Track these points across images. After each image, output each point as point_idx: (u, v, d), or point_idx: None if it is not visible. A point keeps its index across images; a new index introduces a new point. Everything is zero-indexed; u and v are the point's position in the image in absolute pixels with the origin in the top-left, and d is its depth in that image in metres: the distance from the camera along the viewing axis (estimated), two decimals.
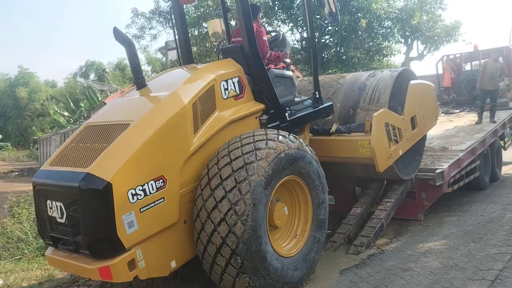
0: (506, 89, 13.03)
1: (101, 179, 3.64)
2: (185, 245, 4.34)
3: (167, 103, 4.32)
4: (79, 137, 4.36)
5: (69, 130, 25.06)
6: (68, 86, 45.05)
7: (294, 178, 4.69)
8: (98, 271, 3.74)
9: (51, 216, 4.00)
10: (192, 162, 4.33)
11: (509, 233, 6.08)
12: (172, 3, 5.76)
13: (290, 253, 4.68)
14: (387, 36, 15.30)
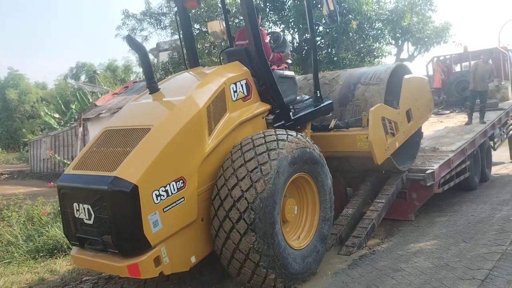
0: (495, 90, 13.14)
1: (128, 182, 3.84)
2: (203, 241, 4.57)
3: (184, 108, 4.53)
4: (99, 142, 4.55)
5: (59, 132, 24.92)
6: (58, 87, 44.80)
7: (303, 175, 4.96)
8: (127, 268, 3.94)
9: (78, 217, 4.17)
10: (207, 162, 4.55)
11: (499, 233, 6.14)
12: (178, 8, 5.96)
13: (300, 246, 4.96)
14: (377, 38, 15.37)
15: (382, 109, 6.32)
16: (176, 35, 15.72)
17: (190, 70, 5.88)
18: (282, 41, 6.52)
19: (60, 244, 6.94)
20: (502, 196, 8.76)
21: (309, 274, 4.94)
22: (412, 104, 7.13)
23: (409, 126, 7.02)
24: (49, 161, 23.89)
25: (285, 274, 4.53)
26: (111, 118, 5.12)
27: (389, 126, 6.41)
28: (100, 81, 40.47)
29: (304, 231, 5.17)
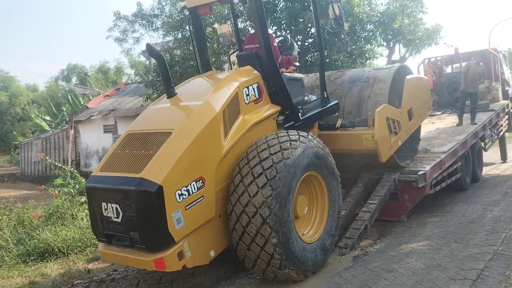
0: (486, 91, 13.23)
1: (153, 183, 4.14)
2: (220, 236, 4.87)
3: (202, 112, 4.82)
4: (122, 145, 4.86)
5: (50, 134, 24.74)
6: (49, 90, 44.49)
7: (313, 173, 5.23)
8: (153, 262, 4.25)
9: (106, 216, 4.46)
10: (223, 163, 4.84)
11: (490, 233, 6.18)
12: (191, 15, 6.19)
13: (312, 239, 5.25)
14: (369, 40, 15.43)
15: (387, 110, 6.68)
16: (168, 36, 15.70)
17: (203, 74, 6.17)
18: (289, 44, 6.76)
19: (51, 247, 6.88)
20: (493, 196, 8.82)
21: (319, 266, 5.19)
22: (413, 103, 7.48)
23: (410, 124, 7.39)
24: (40, 164, 23.71)
25: (298, 265, 4.78)
26: (132, 122, 5.47)
27: (392, 126, 6.76)
28: (92, 83, 40.23)
29: (314, 227, 5.41)
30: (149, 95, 15.25)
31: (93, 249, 7.01)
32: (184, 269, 4.50)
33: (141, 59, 38.68)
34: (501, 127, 12.89)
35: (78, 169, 18.54)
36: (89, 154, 22.19)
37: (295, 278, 4.83)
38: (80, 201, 8.44)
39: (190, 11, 6.15)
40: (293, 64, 6.55)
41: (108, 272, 6.03)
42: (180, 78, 13.90)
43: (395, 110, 6.93)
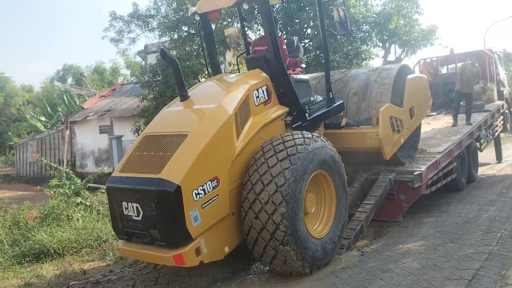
0: (481, 91, 13.28)
1: (172, 183, 4.35)
2: (234, 233, 5.08)
3: (215, 115, 5.03)
4: (140, 146, 5.08)
5: (46, 135, 24.65)
6: (45, 90, 44.39)
7: (321, 172, 5.42)
8: (173, 258, 4.46)
9: (127, 214, 4.67)
10: (236, 163, 5.05)
11: (486, 233, 6.20)
12: (201, 20, 6.43)
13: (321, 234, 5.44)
14: (365, 40, 15.44)
15: (390, 109, 6.92)
16: (164, 37, 15.68)
17: (213, 78, 6.43)
18: (296, 47, 7.03)
19: (46, 248, 6.85)
20: (488, 196, 8.86)
21: (315, 263, 5.25)
22: (414, 102, 7.73)
23: (411, 122, 7.65)
24: (36, 165, 23.64)
25: (299, 247, 4.92)
26: (148, 125, 5.74)
27: (395, 124, 7.02)
28: (87, 83, 40.16)
29: (322, 223, 5.59)
30: (145, 96, 15.21)
31: (88, 250, 6.99)
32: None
33: (137, 59, 38.59)
34: (496, 127, 12.94)
35: (73, 170, 18.47)
36: (85, 154, 22.13)
37: (293, 260, 4.87)
38: (75, 202, 8.40)
39: (201, 16, 6.36)
40: (300, 66, 6.76)
41: (104, 273, 6.01)
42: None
43: (398, 109, 7.17)
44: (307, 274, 5.07)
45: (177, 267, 5.84)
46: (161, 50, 5.38)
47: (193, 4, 14.41)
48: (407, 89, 7.49)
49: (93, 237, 7.26)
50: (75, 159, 22.45)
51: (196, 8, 6.37)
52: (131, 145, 19.11)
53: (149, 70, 15.25)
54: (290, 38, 7.39)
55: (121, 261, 6.46)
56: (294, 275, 5.04)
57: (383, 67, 7.60)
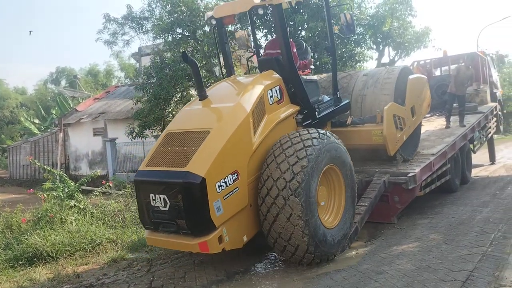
0: (474, 93, 13.34)
1: (198, 175, 4.71)
2: (251, 223, 5.43)
3: (235, 113, 5.38)
4: (163, 143, 5.44)
5: (39, 137, 24.53)
6: (38, 93, 44.20)
7: (332, 166, 5.73)
8: (198, 245, 4.84)
9: (154, 206, 5.01)
10: (253, 157, 5.40)
11: (479, 234, 6.23)
12: (217, 24, 6.75)
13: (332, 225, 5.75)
14: (359, 43, 15.45)
15: (394, 107, 7.29)
16: (158, 39, 15.59)
17: (228, 79, 6.76)
18: (304, 49, 7.38)
19: (39, 252, 6.79)
20: (482, 198, 8.90)
21: (337, 251, 5.67)
22: (415, 101, 8.07)
23: (413, 120, 7.98)
24: (29, 167, 23.53)
25: (320, 248, 5.29)
26: (170, 123, 6.11)
27: (398, 122, 7.38)
28: (81, 86, 40.01)
29: (333, 214, 5.89)
30: (139, 98, 15.16)
31: (82, 253, 6.94)
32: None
33: (131, 61, 38.53)
34: (490, 129, 13.01)
35: (67, 173, 18.38)
36: (79, 157, 22.04)
37: (305, 246, 5.17)
38: (69, 205, 8.35)
39: (217, 20, 6.67)
40: (309, 67, 7.16)
41: (97, 276, 5.97)
42: (170, 80, 13.85)
43: (400, 108, 7.53)
44: (317, 262, 5.36)
45: (171, 270, 5.84)
46: (183, 53, 5.73)
47: (187, 6, 14.43)
48: (408, 89, 7.83)
49: (86, 240, 7.21)
50: (69, 161, 22.36)
51: (213, 12, 6.68)
52: (125, 147, 19.13)
53: (143, 72, 15.20)
54: (300, 41, 7.73)
55: (115, 264, 6.43)
56: (305, 262, 5.34)
57: (387, 67, 7.96)
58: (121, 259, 6.61)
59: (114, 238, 7.47)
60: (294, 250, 5.24)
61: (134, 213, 8.75)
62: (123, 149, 19.28)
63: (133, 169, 18.34)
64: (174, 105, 15.05)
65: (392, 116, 7.19)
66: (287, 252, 5.33)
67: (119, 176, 17.57)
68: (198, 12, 14.37)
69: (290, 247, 5.24)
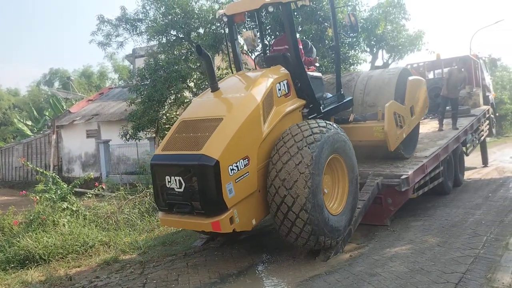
0: (467, 96, 13.43)
1: (212, 158, 4.95)
2: (260, 207, 5.67)
3: (247, 102, 5.63)
4: (178, 129, 5.68)
5: (32, 139, 24.38)
6: (31, 94, 43.93)
7: (336, 156, 5.97)
8: (211, 224, 5.08)
9: (169, 187, 5.25)
10: (263, 145, 5.65)
11: (472, 237, 6.26)
12: (228, 22, 7.02)
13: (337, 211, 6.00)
14: (353, 45, 15.50)
15: (394, 105, 7.53)
16: (152, 41, 15.57)
17: (237, 74, 7.03)
18: (310, 48, 7.68)
19: (31, 254, 6.76)
20: (474, 200, 8.95)
21: (342, 235, 5.96)
22: (414, 101, 8.37)
23: (412, 120, 8.24)
24: (22, 169, 23.38)
25: (317, 212, 5.41)
26: (184, 112, 6.31)
27: (398, 119, 7.61)
28: (75, 87, 39.84)
29: (337, 201, 6.14)
30: (133, 100, 15.11)
31: (74, 256, 6.91)
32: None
33: (125, 63, 38.39)
34: (482, 132, 13.10)
35: (60, 175, 18.30)
36: (72, 159, 21.92)
37: (310, 228, 5.36)
38: (62, 207, 8.31)
39: (228, 18, 6.94)
40: (314, 64, 7.43)
41: (90, 279, 5.94)
42: (164, 82, 13.82)
43: (401, 106, 7.78)
44: (309, 231, 5.41)
45: (165, 273, 5.82)
46: (197, 46, 5.93)
47: (182, 8, 14.43)
48: (408, 89, 8.10)
49: (79, 242, 7.18)
50: (62, 163, 22.23)
51: (225, 10, 6.96)
52: (118, 149, 19.05)
53: (137, 74, 15.15)
54: (306, 41, 8.01)
55: (107, 267, 6.40)
56: (298, 225, 5.40)
57: (388, 69, 8.16)
58: (114, 261, 6.58)
59: (107, 240, 7.45)
60: (292, 202, 5.33)
61: (127, 215, 8.73)
62: (117, 151, 19.20)
63: (127, 171, 18.27)
64: (168, 107, 15.03)
65: (393, 113, 7.42)
66: (284, 206, 5.40)
67: (113, 178, 17.49)
68: (192, 14, 14.38)
69: (289, 198, 5.34)
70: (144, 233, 8.09)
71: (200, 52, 5.94)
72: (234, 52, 7.37)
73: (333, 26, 7.55)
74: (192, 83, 15.19)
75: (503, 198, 9.09)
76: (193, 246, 6.88)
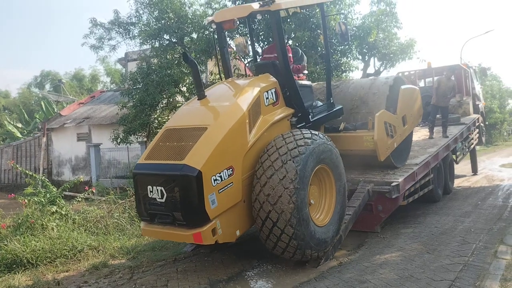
0: (457, 105, 13.55)
1: (195, 168, 4.86)
2: (244, 218, 5.57)
3: (232, 111, 5.56)
4: (162, 138, 5.60)
5: (22, 142, 24.16)
6: (22, 96, 43.52)
7: (323, 166, 5.90)
8: (192, 236, 4.99)
9: (151, 197, 5.15)
10: (248, 155, 5.57)
11: (461, 244, 6.30)
12: (217, 29, 6.93)
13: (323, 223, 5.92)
14: (345, 53, 15.59)
15: (385, 115, 7.48)
16: (145, 45, 15.56)
17: (226, 81, 6.94)
18: (300, 55, 7.59)
19: (19, 258, 6.67)
20: (464, 208, 9.01)
21: (329, 246, 5.86)
22: (407, 110, 8.31)
23: (404, 129, 8.20)
24: (11, 172, 23.12)
25: (302, 227, 5.35)
26: (169, 120, 6.28)
27: (389, 129, 7.59)
28: (66, 90, 39.58)
29: (324, 212, 6.06)
30: (125, 104, 15.05)
31: (63, 260, 6.83)
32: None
33: (117, 67, 38.25)
34: (472, 140, 13.20)
35: (50, 178, 18.11)
36: (62, 162, 21.75)
37: (294, 242, 5.31)
38: (51, 211, 8.22)
39: (217, 25, 6.85)
40: (302, 72, 7.32)
41: (78, 284, 5.87)
42: (156, 86, 13.79)
43: (392, 116, 7.75)
44: (294, 246, 5.37)
45: (154, 278, 5.78)
46: (183, 53, 5.95)
47: (175, 13, 14.43)
48: (400, 99, 8.05)
49: (68, 247, 7.09)
50: (52, 167, 22.04)
51: (213, 17, 6.88)
52: (109, 153, 18.92)
53: (130, 77, 15.10)
54: (296, 48, 7.95)
55: (96, 272, 6.34)
56: (284, 240, 5.35)
57: (380, 77, 8.15)
58: (103, 266, 6.52)
59: (96, 245, 7.37)
60: (277, 217, 5.25)
61: (117, 219, 8.66)
62: (107, 155, 19.09)
63: (117, 175, 18.15)
64: (160, 111, 14.99)
65: (383, 123, 7.38)
66: (269, 222, 5.32)
67: (103, 182, 17.36)
68: (185, 19, 14.39)
69: (274, 214, 5.26)
70: (133, 238, 8.03)
71: (186, 59, 5.95)
72: (223, 59, 7.31)
73: (324, 34, 7.51)
74: (184, 88, 15.16)
75: (492, 206, 9.17)
76: (182, 252, 6.85)
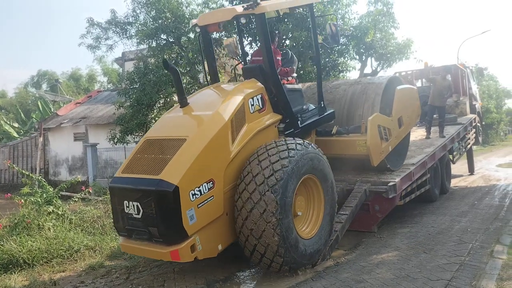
0: (454, 105, 13.57)
1: (171, 184, 4.68)
2: (227, 232, 5.38)
3: (212, 121, 5.36)
4: (141, 149, 5.42)
5: (18, 142, 24.10)
6: (19, 96, 43.45)
7: (311, 176, 5.70)
8: (169, 254, 4.81)
9: (128, 213, 4.99)
10: (231, 166, 5.37)
11: (458, 244, 6.31)
12: (201, 32, 6.75)
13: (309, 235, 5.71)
14: (342, 53, 15.59)
15: (378, 118, 7.28)
16: (142, 45, 15.52)
17: (212, 86, 6.73)
18: (290, 58, 7.41)
19: (15, 258, 6.64)
20: (461, 208, 9.03)
21: (311, 263, 5.66)
22: (403, 111, 8.06)
23: (400, 131, 7.96)
24: (7, 172, 23.06)
25: (291, 253, 5.22)
26: (150, 129, 6.08)
27: (383, 132, 7.37)
28: (63, 90, 39.48)
29: (312, 221, 5.87)
30: (122, 103, 15.02)
31: (59, 260, 6.81)
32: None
33: (114, 66, 38.19)
34: (469, 140, 13.23)
35: (46, 178, 18.09)
36: (59, 162, 21.70)
37: (280, 256, 5.14)
38: (47, 211, 8.19)
39: (201, 28, 6.67)
40: (291, 75, 7.07)
41: (75, 284, 5.86)
42: (153, 86, 13.76)
43: (386, 119, 7.53)
44: (286, 270, 5.32)
45: (151, 278, 5.77)
46: (164, 60, 5.80)
47: (172, 13, 14.40)
48: (396, 100, 7.83)
49: (64, 247, 7.07)
50: (48, 166, 21.99)
51: (197, 20, 6.69)
52: (106, 153, 18.89)
53: (127, 77, 15.07)
54: (286, 50, 7.75)
55: (92, 272, 6.32)
56: (274, 268, 5.30)
57: (374, 77, 7.88)
58: (99, 266, 6.50)
59: (92, 245, 7.35)
60: (264, 250, 5.15)
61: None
62: (104, 155, 19.06)
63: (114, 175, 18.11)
64: (157, 111, 14.96)
65: (377, 126, 7.18)
66: (257, 253, 5.23)
67: (100, 182, 17.34)
68: (183, 18, 14.35)
69: (260, 247, 5.15)
70: None
71: (166, 66, 5.82)
72: (209, 63, 7.09)
73: (313, 36, 7.30)
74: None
75: (489, 206, 9.20)
76: None
